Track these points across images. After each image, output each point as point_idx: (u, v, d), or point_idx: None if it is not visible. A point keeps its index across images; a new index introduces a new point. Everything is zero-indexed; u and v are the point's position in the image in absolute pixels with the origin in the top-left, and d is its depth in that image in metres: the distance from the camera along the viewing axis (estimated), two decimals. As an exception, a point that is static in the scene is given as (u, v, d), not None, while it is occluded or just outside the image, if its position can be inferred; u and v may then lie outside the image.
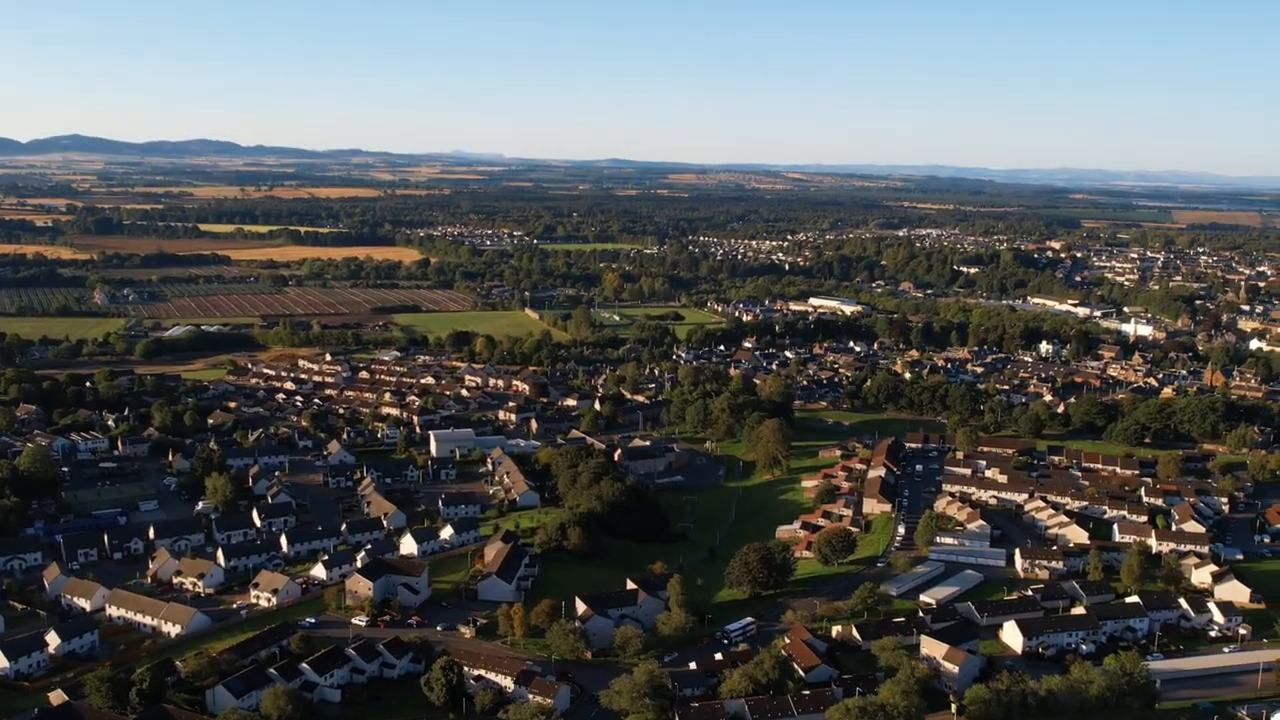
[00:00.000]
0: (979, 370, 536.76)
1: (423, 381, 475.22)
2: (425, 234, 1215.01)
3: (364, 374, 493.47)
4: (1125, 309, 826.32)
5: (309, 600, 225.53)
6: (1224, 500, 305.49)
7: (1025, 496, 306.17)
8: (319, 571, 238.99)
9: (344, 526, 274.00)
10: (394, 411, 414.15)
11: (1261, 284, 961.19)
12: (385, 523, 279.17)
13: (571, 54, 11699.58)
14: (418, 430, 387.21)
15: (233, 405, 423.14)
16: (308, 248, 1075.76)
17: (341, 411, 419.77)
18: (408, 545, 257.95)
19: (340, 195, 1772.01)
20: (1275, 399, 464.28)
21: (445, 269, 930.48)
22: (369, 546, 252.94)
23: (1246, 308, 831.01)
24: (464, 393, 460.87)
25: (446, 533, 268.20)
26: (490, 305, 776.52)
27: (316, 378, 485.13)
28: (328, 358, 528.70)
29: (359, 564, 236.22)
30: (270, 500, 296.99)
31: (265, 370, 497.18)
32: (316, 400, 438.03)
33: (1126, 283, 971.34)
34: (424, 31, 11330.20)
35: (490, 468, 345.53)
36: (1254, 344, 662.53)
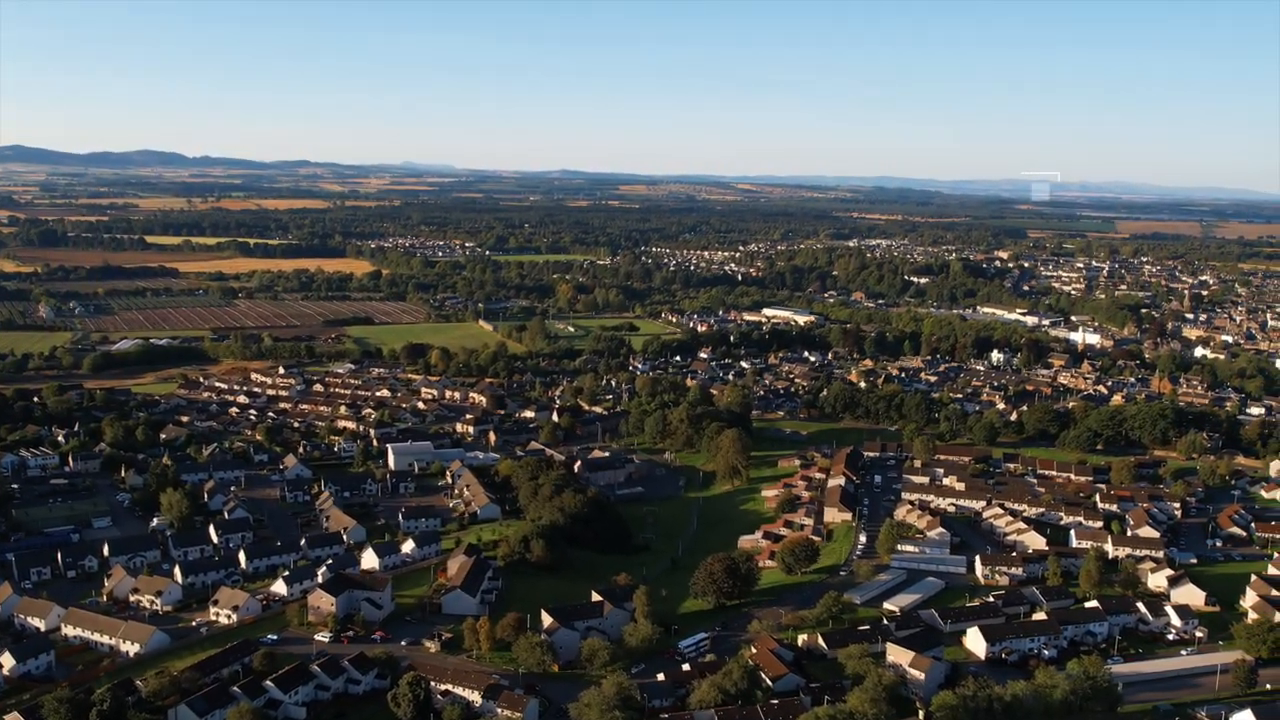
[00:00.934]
0: (932, 379, 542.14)
1: (378, 394, 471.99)
2: (376, 245, 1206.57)
3: (318, 387, 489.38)
4: (1073, 317, 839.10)
5: (270, 617, 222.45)
6: (1176, 505, 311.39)
7: (983, 504, 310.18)
8: (279, 587, 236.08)
9: (303, 541, 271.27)
10: (350, 425, 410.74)
11: (1204, 292, 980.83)
12: (345, 537, 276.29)
13: (520, 66, 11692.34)
14: (375, 443, 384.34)
15: (185, 419, 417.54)
16: (257, 260, 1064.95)
17: (297, 425, 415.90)
18: (369, 560, 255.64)
19: (289, 206, 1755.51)
20: (1221, 405, 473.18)
21: (397, 280, 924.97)
22: (330, 561, 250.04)
23: (1190, 316, 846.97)
24: (420, 405, 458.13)
25: (408, 546, 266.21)
26: (444, 317, 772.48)
27: (270, 391, 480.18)
28: (281, 371, 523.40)
29: (321, 579, 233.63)
30: (227, 515, 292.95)
31: (217, 384, 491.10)
32: (271, 414, 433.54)
33: (1073, 292, 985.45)
34: (371, 43, 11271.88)
35: (450, 480, 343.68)
36: (1198, 351, 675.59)
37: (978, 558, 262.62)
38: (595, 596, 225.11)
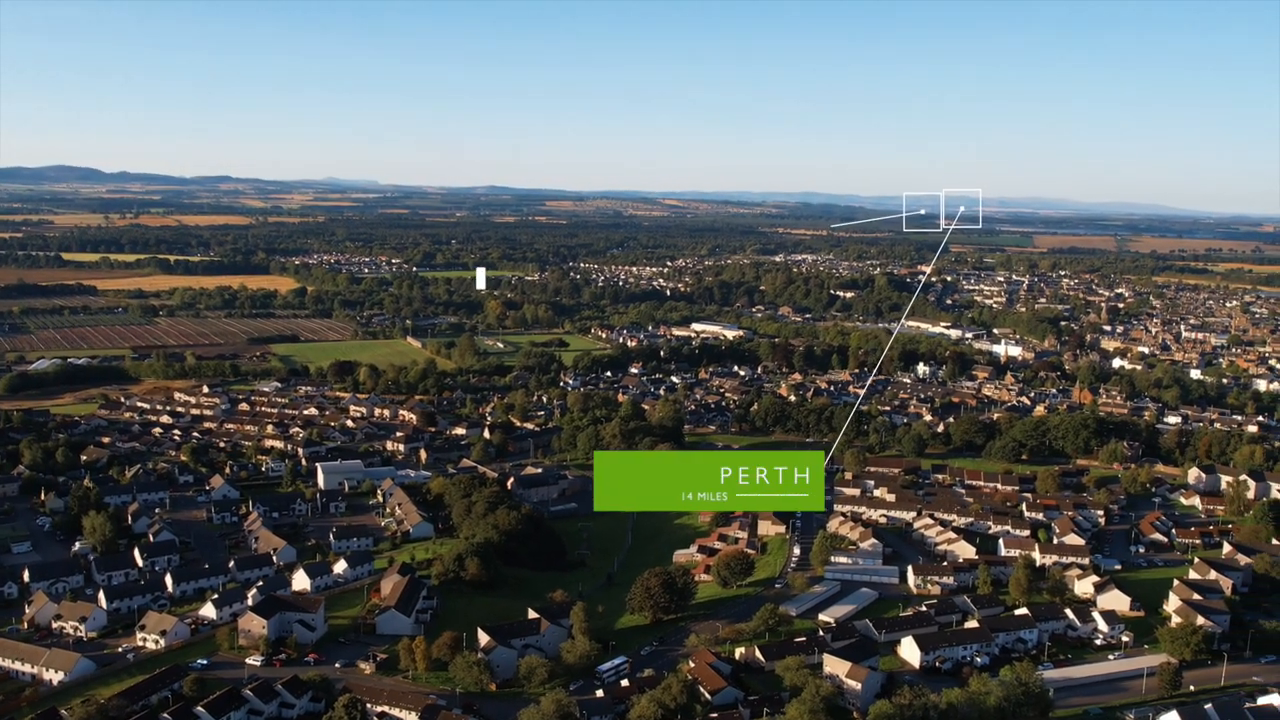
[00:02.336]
0: (860, 391, 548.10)
1: (306, 413, 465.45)
2: (301, 262, 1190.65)
3: (244, 406, 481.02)
4: (995, 330, 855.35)
5: (199, 641, 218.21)
6: (1100, 513, 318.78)
7: (914, 514, 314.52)
8: (208, 611, 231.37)
9: (232, 563, 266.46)
10: (278, 444, 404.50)
11: (1120, 305, 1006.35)
12: (275, 558, 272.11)
13: (445, 82, 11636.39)
14: (304, 462, 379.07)
15: (107, 441, 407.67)
16: (178, 277, 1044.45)
17: (223, 445, 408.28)
18: (300, 581, 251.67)
19: (210, 223, 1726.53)
20: (1140, 415, 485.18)
21: (323, 298, 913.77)
22: (260, 583, 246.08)
23: (1108, 328, 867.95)
24: (349, 423, 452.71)
25: (340, 567, 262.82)
26: (371, 334, 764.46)
27: (194, 410, 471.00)
28: (205, 390, 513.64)
29: (251, 601, 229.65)
30: (152, 538, 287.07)
31: (139, 404, 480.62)
32: (195, 434, 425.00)
33: (995, 305, 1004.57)
34: (294, 56, 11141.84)
35: (381, 499, 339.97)
36: (1116, 362, 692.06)
37: (910, 568, 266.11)
38: (532, 614, 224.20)
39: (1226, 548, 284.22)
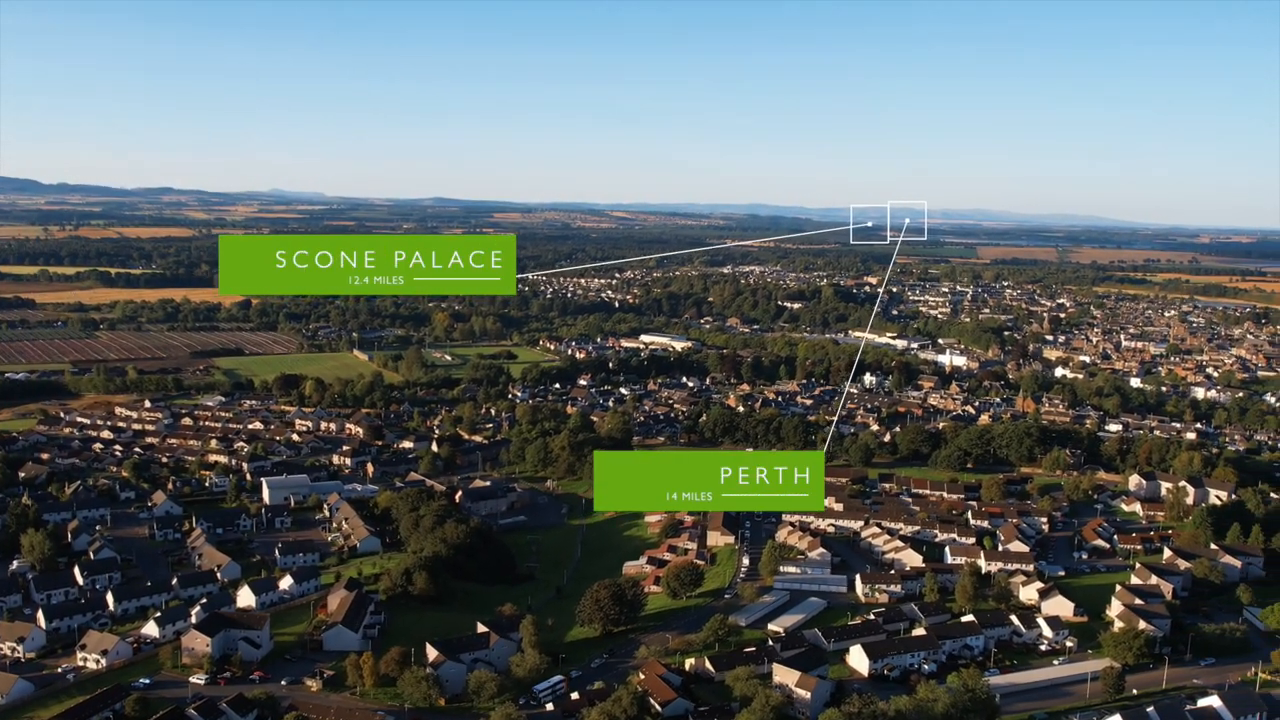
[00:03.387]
0: (808, 402, 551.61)
1: (250, 427, 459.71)
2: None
3: (187, 420, 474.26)
4: (940, 341, 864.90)
5: (142, 660, 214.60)
6: (1044, 520, 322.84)
7: (861, 523, 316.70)
8: (151, 629, 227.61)
9: (175, 580, 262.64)
10: (222, 459, 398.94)
11: (1062, 315, 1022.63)
12: (219, 575, 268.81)
13: (391, 92, 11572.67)
14: (248, 477, 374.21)
15: (46, 457, 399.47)
16: (120, 290, 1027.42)
17: (165, 460, 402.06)
18: (245, 597, 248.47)
19: (152, 235, 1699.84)
20: (1082, 423, 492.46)
21: (268, 310, 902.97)
22: (204, 600, 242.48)
23: (1050, 337, 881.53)
24: (295, 437, 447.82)
25: (286, 583, 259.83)
26: (317, 347, 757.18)
27: (136, 426, 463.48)
28: (147, 404, 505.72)
29: (194, 619, 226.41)
30: (93, 556, 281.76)
31: (79, 419, 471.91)
32: (137, 449, 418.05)
33: (939, 315, 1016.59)
34: (236, 67, 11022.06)
35: (327, 514, 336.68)
36: (1059, 371, 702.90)
37: (858, 576, 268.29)
38: (481, 628, 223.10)
39: (1167, 553, 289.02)
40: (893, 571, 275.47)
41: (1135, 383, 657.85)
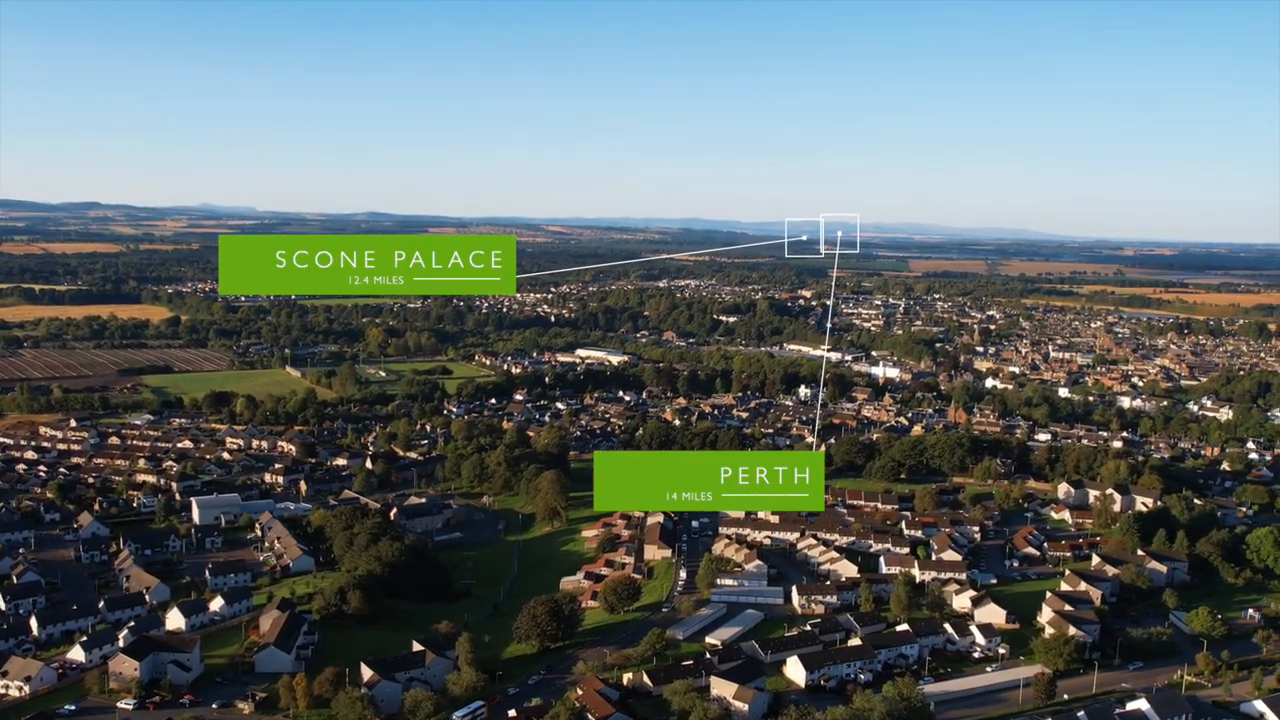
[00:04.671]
0: (744, 415, 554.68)
1: (180, 446, 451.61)
2: (174, 290, 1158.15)
3: (114, 440, 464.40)
4: (873, 353, 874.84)
5: (68, 686, 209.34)
6: (976, 529, 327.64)
7: (797, 535, 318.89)
8: (76, 654, 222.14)
9: (102, 604, 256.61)
10: (150, 478, 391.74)
11: (992, 327, 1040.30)
12: (148, 597, 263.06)
13: (323, 106, 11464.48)
14: (178, 497, 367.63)
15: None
16: (44, 307, 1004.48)
17: (91, 481, 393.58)
18: (175, 620, 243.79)
19: (78, 250, 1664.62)
20: (1012, 433, 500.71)
21: (198, 327, 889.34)
22: (132, 624, 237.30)
23: (980, 349, 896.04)
24: (226, 456, 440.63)
25: (216, 604, 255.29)
26: (248, 364, 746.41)
27: (61, 445, 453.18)
28: (72, 424, 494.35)
29: (122, 643, 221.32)
30: (15, 580, 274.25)
31: (2, 440, 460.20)
32: (62, 470, 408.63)
33: (873, 328, 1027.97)
34: (162, 78, 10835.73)
35: (259, 533, 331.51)
36: (989, 382, 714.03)
37: (794, 588, 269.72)
38: (416, 646, 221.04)
39: (1095, 559, 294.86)
40: (829, 582, 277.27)
41: (1063, 393, 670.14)
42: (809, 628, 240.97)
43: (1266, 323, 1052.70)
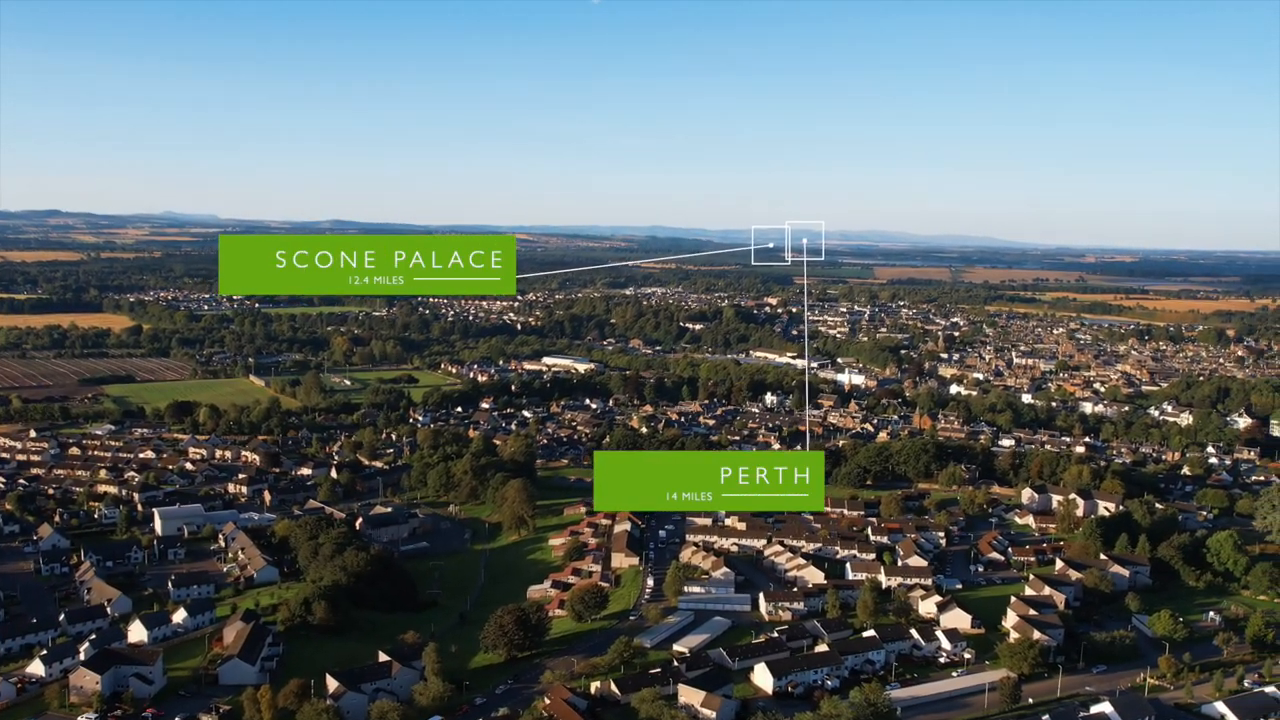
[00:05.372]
0: (711, 422, 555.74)
1: (142, 456, 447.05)
2: (136, 299, 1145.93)
3: (75, 450, 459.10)
4: (839, 360, 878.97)
5: (27, 700, 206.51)
6: (941, 534, 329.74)
7: (764, 542, 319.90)
8: (36, 668, 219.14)
9: (62, 617, 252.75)
10: (112, 489, 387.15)
11: (956, 333, 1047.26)
12: (109, 609, 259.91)
13: (285, 111, 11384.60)
14: (140, 508, 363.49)
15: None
16: (3, 316, 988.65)
17: (51, 492, 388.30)
18: (137, 632, 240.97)
19: (38, 259, 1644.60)
20: (976, 439, 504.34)
21: (160, 336, 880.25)
22: (93, 636, 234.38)
23: (945, 355, 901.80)
24: (188, 466, 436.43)
25: (179, 616, 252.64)
26: (211, 373, 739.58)
27: (20, 456, 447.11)
28: (32, 434, 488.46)
29: (83, 656, 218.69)
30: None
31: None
32: (22, 481, 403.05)
33: (838, 335, 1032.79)
34: (125, 84, 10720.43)
35: (223, 544, 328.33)
36: (954, 389, 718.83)
37: (761, 595, 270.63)
38: (383, 657, 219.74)
39: (1059, 564, 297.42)
40: (795, 589, 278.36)
41: (1026, 399, 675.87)
42: (776, 634, 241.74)
43: (1225, 329, 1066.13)
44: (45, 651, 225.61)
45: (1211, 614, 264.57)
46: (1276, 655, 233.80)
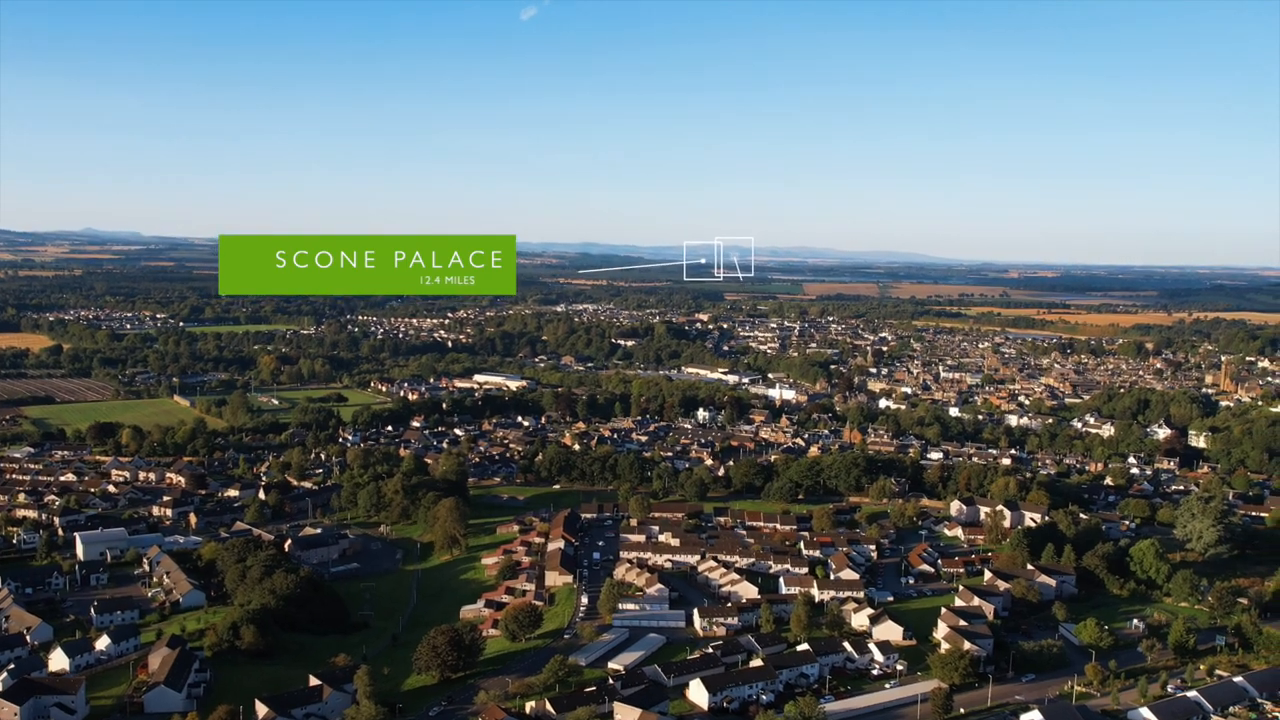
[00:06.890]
0: (644, 438, 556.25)
1: (62, 479, 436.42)
2: (56, 318, 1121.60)
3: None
4: (770, 375, 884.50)
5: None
6: (872, 547, 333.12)
7: (698, 558, 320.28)
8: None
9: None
10: (31, 514, 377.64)
11: (884, 348, 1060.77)
12: (28, 638, 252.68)
13: (207, 127, 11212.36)
14: (60, 532, 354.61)
15: None
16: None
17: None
18: (58, 661, 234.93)
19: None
20: (905, 452, 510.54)
21: (81, 356, 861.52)
22: (11, 666, 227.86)
23: (874, 370, 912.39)
24: (111, 489, 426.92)
25: (103, 643, 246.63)
26: (134, 393, 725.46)
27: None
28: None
29: (1, 686, 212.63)
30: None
31: None
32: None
33: (769, 350, 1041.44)
34: (43, 96, 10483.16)
35: (147, 568, 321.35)
36: (883, 403, 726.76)
37: (696, 611, 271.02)
38: (313, 681, 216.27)
39: (987, 575, 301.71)
40: (730, 604, 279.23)
41: (954, 412, 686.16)
42: (711, 650, 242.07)
43: (1144, 341, 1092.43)
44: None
45: (1135, 621, 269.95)
46: (1198, 660, 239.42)
